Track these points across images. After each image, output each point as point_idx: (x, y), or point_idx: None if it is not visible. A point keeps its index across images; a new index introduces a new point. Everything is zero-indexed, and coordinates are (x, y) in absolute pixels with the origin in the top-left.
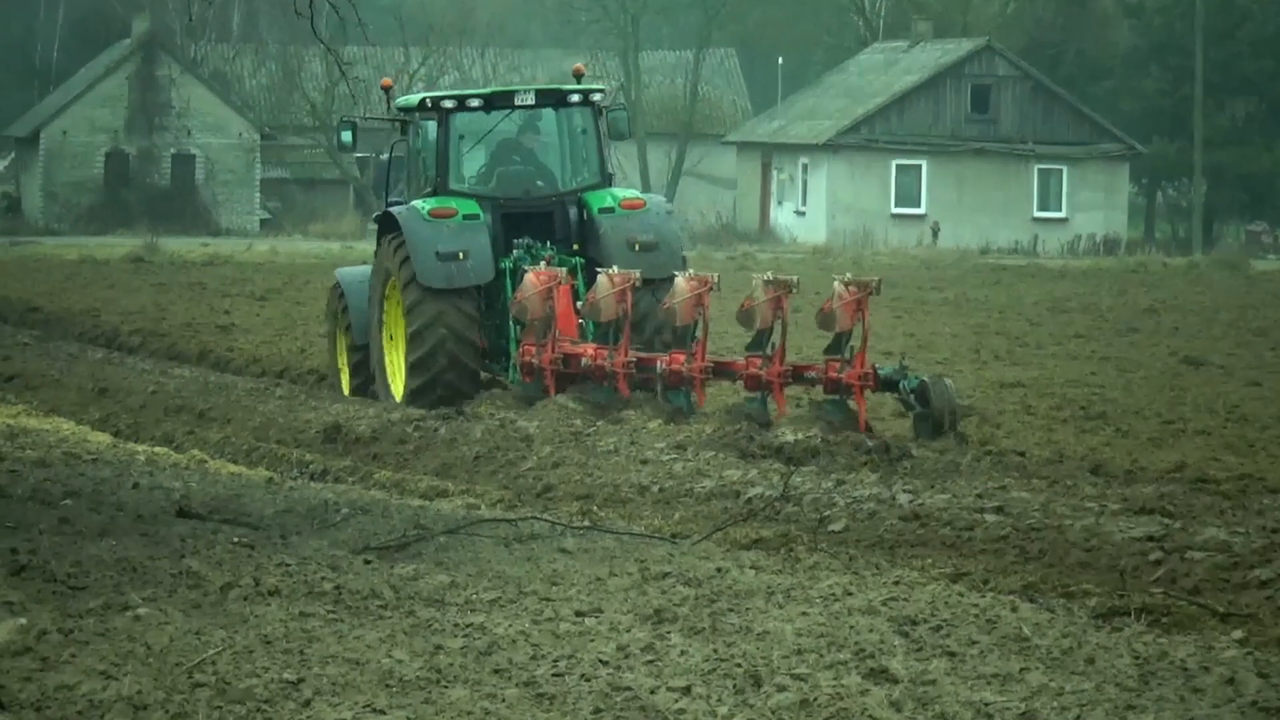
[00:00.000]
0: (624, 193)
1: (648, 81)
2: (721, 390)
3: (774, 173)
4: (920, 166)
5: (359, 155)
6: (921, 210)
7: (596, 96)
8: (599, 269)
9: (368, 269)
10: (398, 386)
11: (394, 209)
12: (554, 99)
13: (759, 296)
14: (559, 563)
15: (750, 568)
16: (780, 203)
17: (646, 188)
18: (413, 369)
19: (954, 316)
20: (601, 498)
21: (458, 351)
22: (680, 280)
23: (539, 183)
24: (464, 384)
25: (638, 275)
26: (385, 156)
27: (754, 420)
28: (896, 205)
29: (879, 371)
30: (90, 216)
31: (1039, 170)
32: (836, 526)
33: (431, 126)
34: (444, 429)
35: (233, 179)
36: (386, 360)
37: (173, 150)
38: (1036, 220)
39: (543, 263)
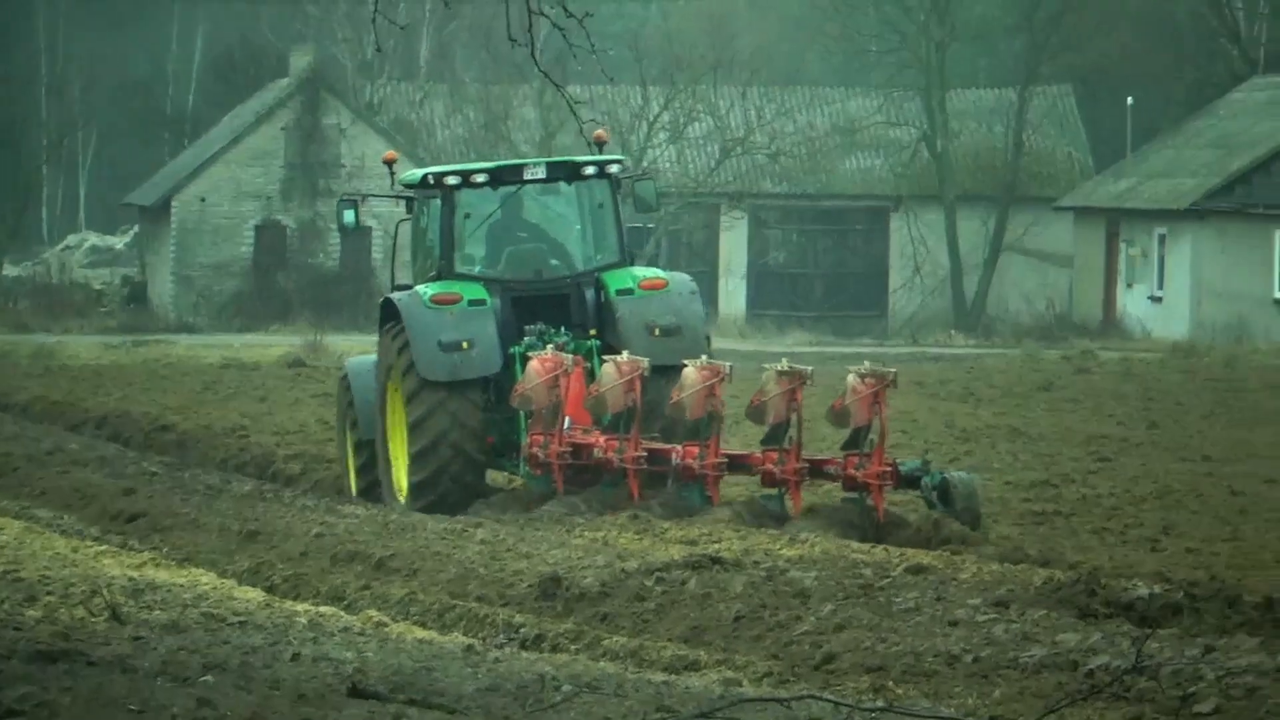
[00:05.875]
0: (644, 272)
1: (958, 128)
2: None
3: (1122, 246)
4: None
5: None
6: None
7: (614, 168)
8: (605, 357)
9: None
10: (402, 487)
11: (395, 295)
12: (567, 172)
13: (771, 390)
14: None
15: None
16: (1130, 285)
17: (955, 263)
18: (414, 460)
19: None
20: (899, 670)
21: (462, 441)
22: (690, 370)
23: (552, 263)
24: (469, 477)
25: (645, 364)
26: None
27: (770, 516)
28: None
29: (900, 467)
30: (236, 308)
31: None
32: (1205, 707)
33: (436, 205)
34: (694, 581)
35: None
36: (391, 459)
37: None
38: None
39: (550, 347)
